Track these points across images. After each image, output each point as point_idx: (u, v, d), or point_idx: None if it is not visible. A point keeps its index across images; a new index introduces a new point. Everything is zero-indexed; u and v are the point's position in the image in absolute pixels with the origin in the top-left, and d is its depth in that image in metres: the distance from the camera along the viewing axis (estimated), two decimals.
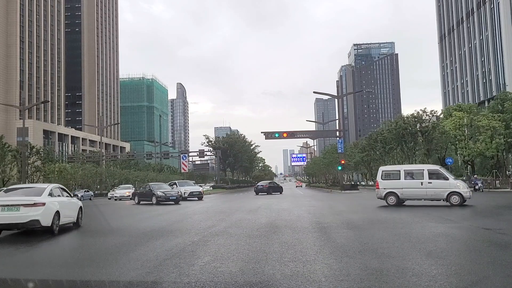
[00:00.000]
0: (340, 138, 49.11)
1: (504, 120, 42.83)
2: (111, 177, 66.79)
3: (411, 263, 5.96)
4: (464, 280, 5.15)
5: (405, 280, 5.06)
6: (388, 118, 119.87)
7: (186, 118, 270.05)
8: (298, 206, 20.15)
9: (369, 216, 14.31)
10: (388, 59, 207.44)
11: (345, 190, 44.95)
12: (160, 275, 5.68)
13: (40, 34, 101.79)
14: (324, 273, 5.54)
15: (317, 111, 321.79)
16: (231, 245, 8.10)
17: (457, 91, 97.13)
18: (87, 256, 7.77)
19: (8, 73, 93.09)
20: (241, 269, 5.95)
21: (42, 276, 6.12)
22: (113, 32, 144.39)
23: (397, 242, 7.99)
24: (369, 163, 68.64)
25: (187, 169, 77.25)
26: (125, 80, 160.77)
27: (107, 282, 5.49)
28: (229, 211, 17.65)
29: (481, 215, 14.19)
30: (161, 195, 26.17)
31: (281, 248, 7.55)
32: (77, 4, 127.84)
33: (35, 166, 50.62)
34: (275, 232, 10.01)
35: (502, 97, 48.12)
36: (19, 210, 10.22)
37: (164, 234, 10.35)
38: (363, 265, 6.02)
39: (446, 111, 52.09)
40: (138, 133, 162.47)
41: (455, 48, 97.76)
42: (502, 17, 76.63)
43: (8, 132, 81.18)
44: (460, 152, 45.20)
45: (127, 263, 6.62)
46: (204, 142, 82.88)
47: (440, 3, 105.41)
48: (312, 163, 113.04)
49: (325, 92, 60.43)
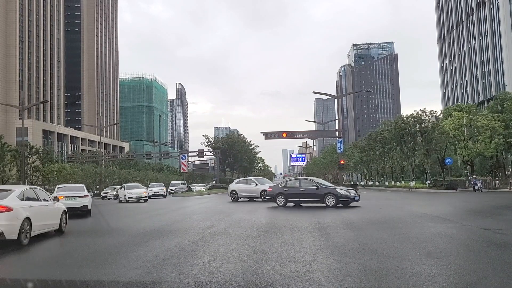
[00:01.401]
0: (339, 138, 49.16)
1: (503, 120, 42.86)
2: (110, 177, 66.80)
3: (411, 263, 5.96)
4: (464, 280, 5.15)
5: (405, 280, 5.06)
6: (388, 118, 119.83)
7: (185, 118, 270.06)
8: (298, 206, 20.14)
9: (368, 216, 14.31)
10: (388, 59, 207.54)
11: None
12: (160, 275, 5.68)
13: (39, 34, 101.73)
14: (324, 273, 5.54)
15: (316, 111, 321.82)
16: (231, 245, 8.10)
17: (457, 91, 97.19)
18: (87, 256, 7.77)
19: (7, 73, 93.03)
20: (241, 269, 5.95)
21: (42, 276, 6.12)
22: (113, 32, 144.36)
23: (397, 242, 8.00)
24: (369, 163, 68.67)
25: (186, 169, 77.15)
26: (125, 80, 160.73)
27: (106, 282, 5.49)
28: (228, 211, 17.65)
29: (480, 215, 14.20)
30: None
31: (281, 248, 7.55)
32: (76, 4, 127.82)
33: (35, 166, 50.62)
34: (274, 232, 10.01)
35: (501, 97, 48.16)
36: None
37: (164, 234, 10.35)
38: (362, 265, 6.02)
39: (446, 111, 52.14)
40: (137, 133, 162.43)
41: (455, 48, 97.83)
42: (501, 18, 76.69)
43: (8, 132, 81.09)
44: (459, 152, 45.23)
45: (127, 263, 6.62)
46: (203, 142, 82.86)
47: (439, 4, 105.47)
48: (312, 163, 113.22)
49: (325, 92, 60.56)
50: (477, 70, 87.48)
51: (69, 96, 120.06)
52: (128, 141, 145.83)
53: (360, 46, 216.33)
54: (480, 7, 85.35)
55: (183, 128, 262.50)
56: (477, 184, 34.72)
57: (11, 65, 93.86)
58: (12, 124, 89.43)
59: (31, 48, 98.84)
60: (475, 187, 34.64)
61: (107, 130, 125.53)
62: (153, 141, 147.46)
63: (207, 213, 17.04)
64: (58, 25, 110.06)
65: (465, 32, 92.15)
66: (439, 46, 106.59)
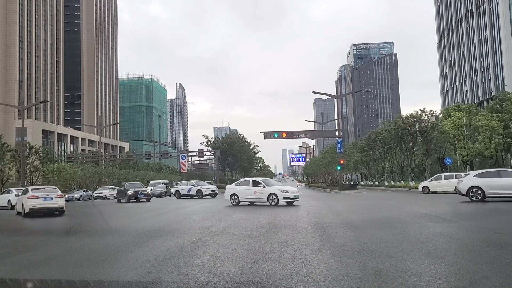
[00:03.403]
0: (339, 138, 49.15)
1: (503, 120, 42.87)
2: (110, 177, 66.78)
3: (410, 263, 5.96)
4: (463, 279, 5.15)
5: (404, 280, 5.06)
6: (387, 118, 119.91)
7: (185, 118, 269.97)
8: (297, 206, 20.15)
9: (368, 216, 14.31)
10: (387, 59, 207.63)
11: (344, 190, 44.95)
12: (159, 275, 5.68)
13: (39, 34, 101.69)
14: (323, 273, 5.54)
15: (316, 111, 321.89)
16: (230, 245, 8.10)
17: (456, 91, 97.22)
18: (86, 256, 7.77)
19: (7, 72, 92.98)
20: (240, 269, 5.95)
21: (41, 276, 6.11)
22: (112, 32, 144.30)
23: (396, 242, 8.00)
24: (368, 163, 68.70)
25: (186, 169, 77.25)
26: (124, 80, 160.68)
27: (106, 282, 5.49)
28: (228, 211, 17.65)
29: (479, 215, 14.20)
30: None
31: (280, 248, 7.55)
32: (76, 4, 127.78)
33: (34, 166, 50.58)
34: (274, 232, 10.01)
35: (501, 97, 48.18)
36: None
37: (163, 234, 10.35)
38: (362, 265, 6.02)
39: (445, 111, 52.15)
40: (137, 133, 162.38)
41: (454, 48, 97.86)
42: (501, 17, 76.72)
43: (7, 132, 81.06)
44: (459, 152, 45.25)
45: (126, 263, 6.62)
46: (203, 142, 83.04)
47: (439, 3, 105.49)
48: (311, 163, 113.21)
49: (324, 92, 60.54)
50: (477, 70, 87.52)
51: (68, 96, 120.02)
52: (128, 141, 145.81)
53: (360, 46, 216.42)
54: (479, 7, 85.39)
55: (182, 128, 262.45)
56: None
57: (10, 65, 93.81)
58: (11, 124, 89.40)
59: (31, 48, 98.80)
60: None
61: (107, 130, 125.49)
62: (152, 141, 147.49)
63: (207, 213, 17.03)
64: (57, 25, 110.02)
65: (465, 32, 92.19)
66: (439, 46, 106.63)
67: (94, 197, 46.24)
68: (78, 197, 44.93)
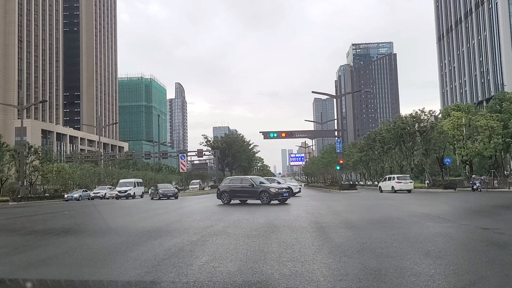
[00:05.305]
0: (338, 138, 49.14)
1: (502, 120, 42.92)
2: (109, 176, 66.73)
3: (410, 263, 5.97)
4: (462, 279, 5.16)
5: (404, 280, 5.06)
6: (387, 118, 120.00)
7: (184, 118, 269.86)
8: (297, 206, 20.15)
9: (367, 216, 14.32)
10: (387, 59, 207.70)
11: (344, 190, 44.95)
12: (159, 274, 5.67)
13: (38, 34, 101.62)
14: (323, 273, 5.54)
15: (315, 111, 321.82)
16: (230, 245, 8.10)
17: (456, 91, 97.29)
18: (85, 255, 7.76)
19: (6, 72, 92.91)
20: (240, 268, 5.95)
21: (40, 276, 6.10)
22: (112, 32, 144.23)
23: (396, 241, 8.00)
24: (368, 163, 68.74)
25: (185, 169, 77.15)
26: (124, 80, 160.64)
27: (105, 282, 5.48)
28: (227, 211, 17.64)
29: (479, 215, 14.21)
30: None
31: (280, 248, 7.55)
32: (75, 3, 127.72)
33: (33, 166, 50.55)
34: (273, 232, 10.00)
35: (500, 97, 48.25)
36: None
37: (163, 233, 10.34)
38: (361, 264, 6.02)
39: (445, 111, 52.22)
40: (136, 132, 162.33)
41: (454, 48, 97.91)
42: (500, 17, 76.78)
43: (6, 131, 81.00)
44: (458, 152, 45.29)
45: (126, 262, 6.61)
46: (202, 142, 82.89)
47: (438, 3, 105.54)
48: (311, 162, 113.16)
49: (324, 92, 60.58)
50: (476, 70, 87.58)
51: (68, 95, 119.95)
52: (127, 140, 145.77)
53: (359, 46, 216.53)
54: (478, 7, 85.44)
55: (182, 128, 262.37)
56: (476, 184, 34.75)
57: (10, 65, 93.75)
58: (11, 123, 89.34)
59: (30, 47, 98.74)
60: (474, 187, 34.67)
61: (106, 130, 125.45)
62: (152, 141, 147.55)
63: (206, 213, 17.02)
64: (57, 24, 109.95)
65: (464, 32, 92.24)
66: (438, 46, 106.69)
67: (92, 197, 45.83)
68: (78, 197, 44.84)
